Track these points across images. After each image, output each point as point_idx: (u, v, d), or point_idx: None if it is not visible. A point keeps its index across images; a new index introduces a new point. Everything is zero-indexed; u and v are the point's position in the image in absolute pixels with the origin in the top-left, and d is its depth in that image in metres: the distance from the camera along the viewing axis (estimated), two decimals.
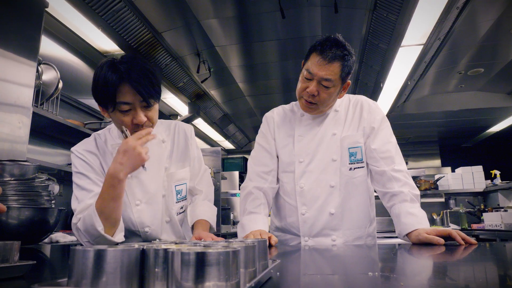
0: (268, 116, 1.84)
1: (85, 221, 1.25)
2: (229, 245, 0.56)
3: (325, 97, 1.58)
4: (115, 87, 1.25)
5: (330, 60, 1.51)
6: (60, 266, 0.95)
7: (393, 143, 1.68)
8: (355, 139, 1.67)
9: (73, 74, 3.66)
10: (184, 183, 1.57)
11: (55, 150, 3.37)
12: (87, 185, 1.38)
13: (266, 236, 1.52)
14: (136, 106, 1.30)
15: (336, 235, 1.64)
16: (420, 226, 1.43)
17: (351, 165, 1.66)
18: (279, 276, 0.67)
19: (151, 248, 0.48)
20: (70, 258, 0.46)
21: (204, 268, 0.41)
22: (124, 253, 0.45)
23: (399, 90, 4.85)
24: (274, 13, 3.66)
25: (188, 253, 0.42)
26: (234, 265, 0.43)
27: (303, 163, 1.68)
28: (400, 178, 1.58)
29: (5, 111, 1.96)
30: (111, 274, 0.44)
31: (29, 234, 1.65)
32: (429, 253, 1.12)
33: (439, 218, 5.68)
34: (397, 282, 0.59)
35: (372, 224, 1.72)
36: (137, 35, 3.59)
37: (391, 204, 1.58)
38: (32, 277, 0.69)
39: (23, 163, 1.66)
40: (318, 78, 1.54)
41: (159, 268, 0.48)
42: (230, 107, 6.13)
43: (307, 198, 1.66)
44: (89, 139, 1.51)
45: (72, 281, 0.44)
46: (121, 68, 1.26)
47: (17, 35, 2.05)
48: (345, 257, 1.11)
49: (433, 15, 3.28)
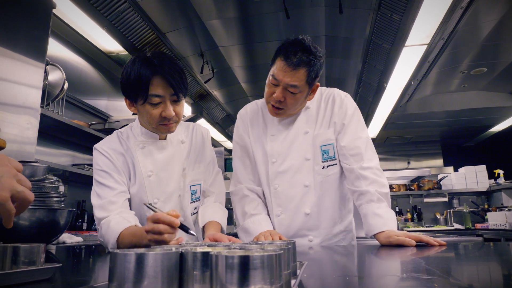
0: (242, 114, 1.80)
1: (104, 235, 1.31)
2: (265, 247, 0.55)
3: (292, 103, 1.55)
4: (149, 79, 1.30)
5: (295, 67, 1.46)
6: (83, 268, 0.95)
7: (363, 138, 1.63)
8: (327, 137, 1.64)
9: (78, 75, 3.66)
10: (199, 183, 1.58)
11: (60, 151, 3.37)
12: (110, 183, 1.40)
13: (277, 236, 1.52)
14: (166, 99, 1.34)
15: (312, 235, 1.62)
16: (386, 228, 1.43)
17: (324, 163, 1.63)
18: (306, 277, 0.66)
19: (190, 251, 0.48)
20: (110, 262, 0.45)
21: (250, 271, 0.41)
22: (164, 256, 0.45)
23: (402, 90, 4.84)
24: (277, 14, 3.66)
25: (233, 257, 0.41)
26: (278, 268, 0.42)
27: (276, 164, 1.65)
28: (368, 176, 1.54)
29: (13, 112, 1.96)
30: (152, 278, 0.44)
31: (40, 235, 1.65)
32: (437, 253, 1.12)
33: (443, 217, 5.68)
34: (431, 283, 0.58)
35: (347, 218, 1.68)
36: (141, 35, 3.58)
37: (359, 204, 1.56)
38: (58, 280, 0.68)
39: (34, 164, 1.66)
40: (283, 85, 1.50)
41: (198, 271, 0.47)
42: (233, 108, 6.13)
43: (282, 199, 1.64)
44: (113, 137, 1.53)
45: (113, 284, 0.44)
46: (155, 62, 1.32)
47: (26, 37, 2.05)
48: (365, 258, 1.10)
49: (437, 15, 3.28)
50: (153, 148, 1.48)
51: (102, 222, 1.34)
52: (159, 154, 1.48)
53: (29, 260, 0.66)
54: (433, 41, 3.68)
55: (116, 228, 1.27)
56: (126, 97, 1.41)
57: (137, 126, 1.50)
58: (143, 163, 1.45)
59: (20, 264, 0.65)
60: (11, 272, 0.62)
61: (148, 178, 1.44)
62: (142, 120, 1.46)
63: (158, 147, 1.49)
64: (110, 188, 1.40)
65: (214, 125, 6.22)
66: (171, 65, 1.34)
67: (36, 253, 0.66)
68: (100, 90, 4.02)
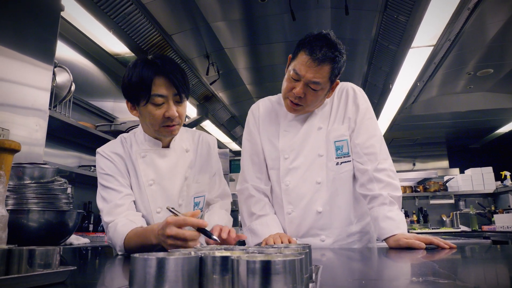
0: (254, 109, 1.75)
1: (112, 238, 1.32)
2: (282, 251, 0.55)
3: (312, 100, 1.51)
4: (152, 79, 1.30)
5: (319, 63, 1.41)
6: (97, 271, 0.95)
7: (378, 136, 1.59)
8: (341, 132, 1.59)
9: (84, 77, 3.68)
10: (203, 195, 1.55)
11: (66, 152, 3.38)
12: (115, 187, 1.39)
13: (287, 239, 1.51)
14: (169, 99, 1.34)
15: (325, 235, 1.56)
16: (398, 231, 1.40)
17: (338, 159, 1.58)
18: (322, 281, 0.66)
19: (209, 255, 0.48)
20: (131, 266, 0.45)
21: (273, 276, 0.41)
22: (185, 260, 0.45)
23: (407, 91, 4.83)
24: (282, 15, 3.67)
25: (254, 262, 0.41)
26: (300, 273, 0.42)
27: (288, 160, 1.61)
28: (382, 178, 1.49)
29: (22, 114, 1.97)
30: (173, 282, 0.44)
31: (49, 237, 1.65)
32: (449, 256, 1.11)
33: (449, 219, 5.65)
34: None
35: (364, 219, 1.63)
36: (147, 37, 3.60)
37: (371, 207, 1.52)
38: (73, 283, 0.68)
39: (43, 166, 1.66)
40: (305, 80, 1.44)
41: (217, 275, 0.47)
42: (238, 109, 6.14)
43: (293, 197, 1.58)
44: (116, 141, 1.51)
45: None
46: (157, 62, 1.32)
47: (35, 39, 2.06)
48: (377, 260, 1.10)
49: (444, 16, 3.27)
50: (155, 156, 1.45)
51: (110, 226, 1.34)
52: (161, 162, 1.44)
53: (45, 263, 0.66)
54: (439, 43, 3.67)
55: (122, 230, 1.27)
56: (128, 100, 1.40)
57: (140, 133, 1.48)
58: (144, 171, 1.43)
59: (36, 267, 0.65)
60: (28, 275, 0.62)
61: (150, 187, 1.42)
62: (144, 124, 1.43)
63: (161, 155, 1.45)
64: (116, 191, 1.39)
65: (219, 127, 6.24)
66: (173, 66, 1.34)
67: (51, 256, 0.66)
68: (106, 91, 4.04)
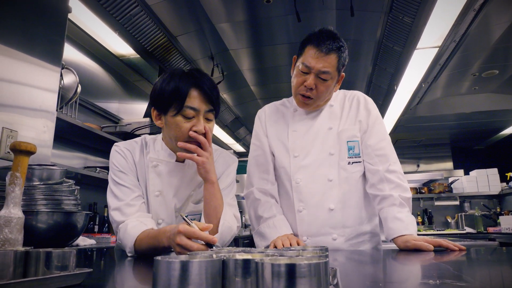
0: (260, 113, 1.80)
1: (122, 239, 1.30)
2: (300, 253, 0.55)
3: (323, 90, 1.55)
4: (188, 90, 1.28)
5: (327, 52, 1.49)
6: (112, 273, 0.95)
7: (388, 140, 1.64)
8: (353, 133, 1.62)
9: (90, 78, 3.69)
10: (199, 213, 1.47)
11: (72, 153, 3.39)
12: (128, 184, 1.37)
13: (295, 241, 1.50)
14: (200, 114, 1.31)
15: (337, 234, 1.56)
16: (406, 232, 1.41)
17: (350, 159, 1.61)
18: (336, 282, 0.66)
19: (231, 258, 0.48)
20: (154, 268, 0.45)
21: (297, 279, 0.41)
22: (209, 263, 0.45)
23: (412, 92, 4.82)
24: (287, 17, 3.67)
25: (279, 265, 0.41)
26: (325, 276, 0.42)
27: (298, 158, 1.62)
28: (393, 179, 1.53)
29: (30, 116, 1.98)
30: (197, 285, 0.44)
31: (57, 239, 1.66)
32: (458, 258, 1.11)
33: (454, 221, 5.63)
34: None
35: (374, 220, 1.65)
36: (152, 38, 3.62)
37: (380, 207, 1.54)
38: (90, 285, 0.69)
39: (52, 167, 1.67)
40: (315, 71, 1.51)
41: (239, 277, 0.47)
42: (242, 110, 6.15)
43: (303, 194, 1.59)
44: (136, 142, 1.48)
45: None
46: (196, 75, 1.31)
47: (42, 41, 2.07)
48: (390, 263, 1.10)
49: (449, 17, 3.26)
50: (166, 169, 1.40)
51: (120, 226, 1.33)
52: (171, 176, 1.40)
53: (62, 265, 0.66)
54: (444, 44, 3.66)
55: (133, 232, 1.26)
56: (155, 108, 1.36)
57: (159, 141, 1.45)
58: (153, 181, 1.39)
59: (53, 269, 0.65)
60: (46, 278, 0.62)
61: (156, 198, 1.39)
62: (167, 135, 1.38)
63: (172, 169, 1.40)
64: (128, 188, 1.37)
65: (223, 128, 6.24)
66: (210, 81, 1.33)
67: (68, 258, 0.67)
68: (111, 93, 4.05)
